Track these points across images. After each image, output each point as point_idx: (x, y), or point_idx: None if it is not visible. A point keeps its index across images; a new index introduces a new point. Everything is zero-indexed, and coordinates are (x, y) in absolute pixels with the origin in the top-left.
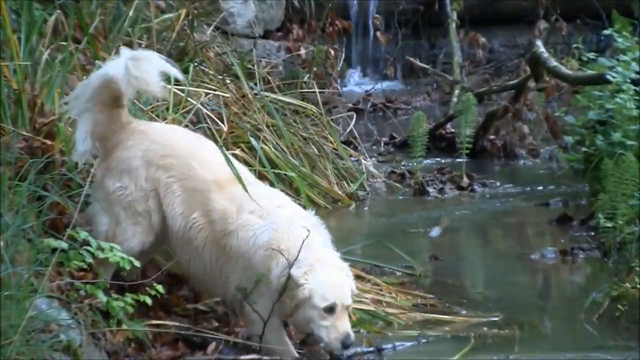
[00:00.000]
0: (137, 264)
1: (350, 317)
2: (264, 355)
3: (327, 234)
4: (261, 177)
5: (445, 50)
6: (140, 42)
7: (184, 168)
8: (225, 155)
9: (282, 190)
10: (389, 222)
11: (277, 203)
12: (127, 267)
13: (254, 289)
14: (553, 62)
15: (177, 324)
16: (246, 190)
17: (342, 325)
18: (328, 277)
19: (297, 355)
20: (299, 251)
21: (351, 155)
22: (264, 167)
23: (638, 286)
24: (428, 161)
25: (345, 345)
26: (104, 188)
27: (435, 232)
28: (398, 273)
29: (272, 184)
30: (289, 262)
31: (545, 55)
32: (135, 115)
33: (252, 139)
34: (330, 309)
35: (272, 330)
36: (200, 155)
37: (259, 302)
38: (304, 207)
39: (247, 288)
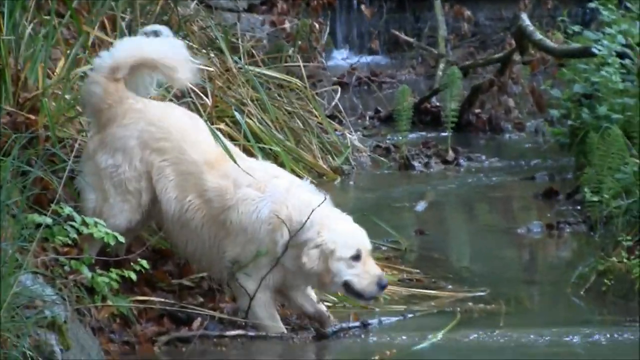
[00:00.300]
0: (121, 239)
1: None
2: (250, 331)
3: (326, 198)
4: (246, 151)
5: (430, 23)
6: (123, 15)
7: (177, 152)
8: (214, 132)
9: None
10: (374, 196)
11: (272, 174)
12: (112, 243)
13: (251, 263)
14: (538, 35)
15: (162, 299)
16: (237, 164)
17: (373, 268)
18: (344, 228)
19: (284, 330)
20: (308, 216)
21: (336, 129)
22: (249, 141)
23: (624, 260)
24: (413, 135)
25: (382, 286)
26: (95, 162)
27: (420, 206)
28: (384, 248)
29: (257, 159)
30: (289, 230)
31: (531, 28)
32: None
33: (236, 113)
34: (357, 257)
35: (262, 305)
36: (192, 137)
37: (254, 276)
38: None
39: (241, 262)
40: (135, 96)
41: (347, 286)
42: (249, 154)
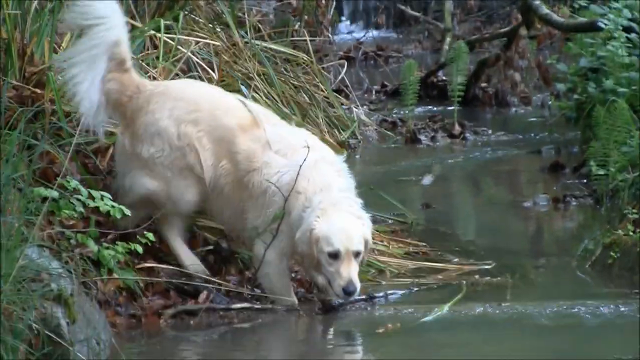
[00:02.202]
0: (128, 213)
1: (361, 263)
2: (255, 304)
3: (352, 181)
4: None
5: None
6: None
7: (210, 120)
8: (242, 101)
9: None
10: (381, 170)
11: (304, 143)
12: (119, 216)
13: (268, 230)
14: (545, 10)
15: (168, 266)
16: (265, 130)
17: (346, 271)
18: (337, 223)
19: (296, 301)
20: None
21: (342, 104)
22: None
23: (630, 233)
24: (420, 109)
25: (347, 292)
26: (138, 156)
27: (427, 180)
28: (390, 221)
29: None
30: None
31: (537, 2)
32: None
33: (243, 88)
34: (335, 255)
35: (277, 273)
36: (224, 103)
37: (270, 243)
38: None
39: (259, 227)
40: (152, 81)
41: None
42: None
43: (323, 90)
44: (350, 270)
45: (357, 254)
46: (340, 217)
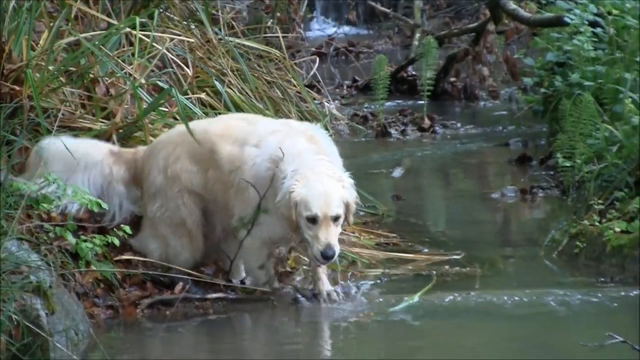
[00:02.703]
0: (105, 206)
1: (346, 225)
2: (230, 294)
3: (329, 143)
4: None
5: None
6: None
7: (189, 146)
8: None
9: None
10: (352, 163)
11: (271, 129)
12: (96, 210)
13: (252, 218)
14: (512, 5)
15: (144, 258)
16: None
17: (324, 236)
18: (315, 187)
19: (277, 286)
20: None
21: (314, 98)
22: (229, 110)
23: (596, 223)
24: (390, 103)
25: (325, 256)
26: (148, 215)
27: (397, 172)
28: (361, 213)
29: None
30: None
31: None
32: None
33: (217, 83)
34: (313, 219)
35: (257, 259)
36: (196, 126)
37: (252, 230)
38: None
39: (244, 218)
40: (140, 147)
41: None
42: None
43: (295, 85)
44: (328, 235)
45: (335, 219)
46: (318, 180)
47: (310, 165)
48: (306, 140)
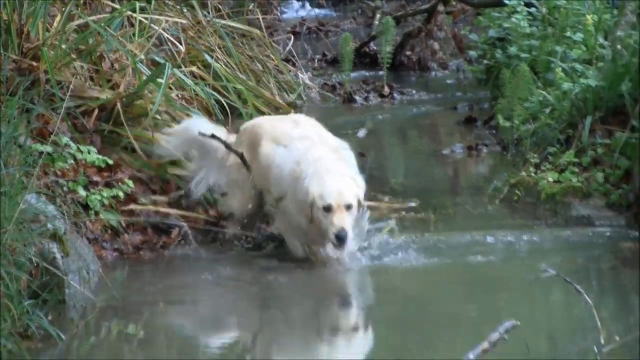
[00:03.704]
0: (110, 163)
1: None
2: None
3: (350, 156)
4: (215, 89)
5: None
6: None
7: (249, 136)
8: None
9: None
10: (323, 125)
11: (304, 135)
12: (103, 166)
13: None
14: None
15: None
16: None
17: (338, 220)
18: (329, 182)
19: (302, 257)
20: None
21: (290, 70)
22: (217, 81)
23: (532, 174)
24: (355, 74)
25: (339, 237)
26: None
27: (361, 133)
28: None
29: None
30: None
31: None
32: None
33: (207, 57)
34: (328, 208)
35: (287, 235)
36: (260, 120)
37: (281, 219)
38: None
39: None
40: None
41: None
42: (219, 93)
43: (274, 59)
44: (341, 219)
45: (348, 207)
46: (332, 178)
47: (327, 167)
48: (329, 149)
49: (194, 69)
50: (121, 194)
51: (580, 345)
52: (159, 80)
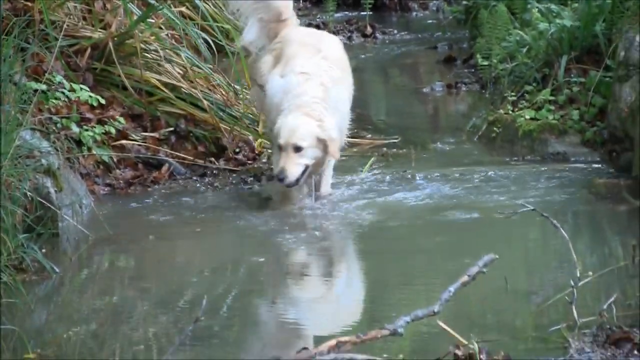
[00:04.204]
0: (102, 101)
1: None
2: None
3: (339, 95)
4: (204, 30)
5: None
6: None
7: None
8: None
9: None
10: None
11: (304, 69)
12: (95, 104)
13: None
14: None
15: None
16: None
17: (282, 162)
18: (289, 120)
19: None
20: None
21: None
22: (206, 21)
23: (510, 112)
24: (338, 15)
25: (278, 178)
26: None
27: None
28: None
29: (213, 35)
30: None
31: None
32: None
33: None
34: (280, 147)
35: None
36: (292, 47)
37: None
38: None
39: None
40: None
41: None
42: (208, 32)
43: None
44: (285, 161)
45: (297, 148)
46: (294, 115)
47: (300, 103)
48: (318, 87)
49: (183, 9)
50: (113, 131)
51: (557, 278)
52: (149, 20)
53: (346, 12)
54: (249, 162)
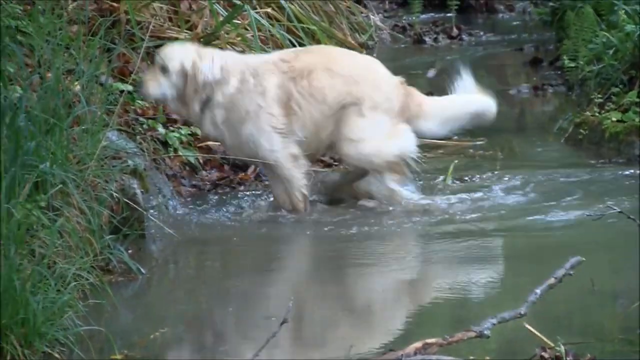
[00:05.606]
0: None
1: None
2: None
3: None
4: (289, 31)
5: None
6: None
7: None
8: None
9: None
10: (393, 65)
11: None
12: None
13: None
14: None
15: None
16: None
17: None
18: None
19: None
20: None
21: (362, 12)
22: (291, 22)
23: (596, 114)
24: (424, 16)
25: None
26: None
27: (431, 73)
28: None
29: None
30: None
31: None
32: None
33: (282, 1)
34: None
35: None
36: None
37: None
38: None
39: None
40: None
41: None
42: (293, 33)
43: (346, 1)
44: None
45: (162, 68)
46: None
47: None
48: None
49: (269, 10)
50: (199, 132)
51: None
52: (235, 21)
53: (432, 14)
54: (335, 163)
